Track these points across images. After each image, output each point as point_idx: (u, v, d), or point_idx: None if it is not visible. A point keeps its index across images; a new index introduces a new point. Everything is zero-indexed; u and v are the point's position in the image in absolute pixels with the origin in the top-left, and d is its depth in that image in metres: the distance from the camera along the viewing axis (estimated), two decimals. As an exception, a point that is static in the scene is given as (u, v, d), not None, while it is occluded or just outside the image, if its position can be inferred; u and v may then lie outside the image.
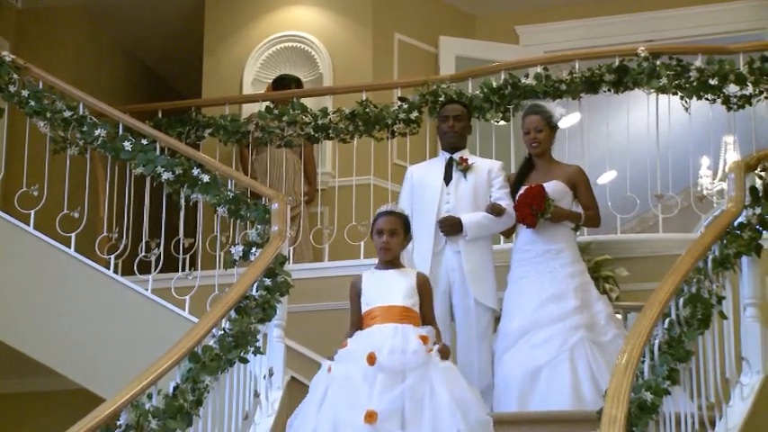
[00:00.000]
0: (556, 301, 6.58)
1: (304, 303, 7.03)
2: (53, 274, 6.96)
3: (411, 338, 5.29)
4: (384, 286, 5.58)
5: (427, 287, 5.70)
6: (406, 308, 5.48)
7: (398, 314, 5.44)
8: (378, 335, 5.34)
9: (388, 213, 5.73)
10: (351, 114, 8.30)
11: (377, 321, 5.43)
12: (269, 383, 6.00)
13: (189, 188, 6.95)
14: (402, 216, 5.76)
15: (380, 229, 5.68)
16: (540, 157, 6.95)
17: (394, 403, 5.04)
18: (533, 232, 6.77)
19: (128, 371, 5.14)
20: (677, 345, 5.11)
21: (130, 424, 4.67)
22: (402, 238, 5.71)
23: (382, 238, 5.65)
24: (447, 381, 5.21)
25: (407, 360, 5.19)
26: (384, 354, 5.18)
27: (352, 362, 5.26)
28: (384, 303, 5.49)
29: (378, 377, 5.13)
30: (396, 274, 5.64)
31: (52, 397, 7.88)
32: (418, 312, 5.54)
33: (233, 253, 6.70)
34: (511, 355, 6.56)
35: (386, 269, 5.69)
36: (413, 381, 5.13)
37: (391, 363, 5.17)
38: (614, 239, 7.60)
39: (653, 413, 4.77)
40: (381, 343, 5.25)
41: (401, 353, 5.20)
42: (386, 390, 5.08)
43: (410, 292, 5.55)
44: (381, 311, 5.46)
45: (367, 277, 5.69)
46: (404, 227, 5.73)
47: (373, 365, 5.14)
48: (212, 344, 5.41)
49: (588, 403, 6.15)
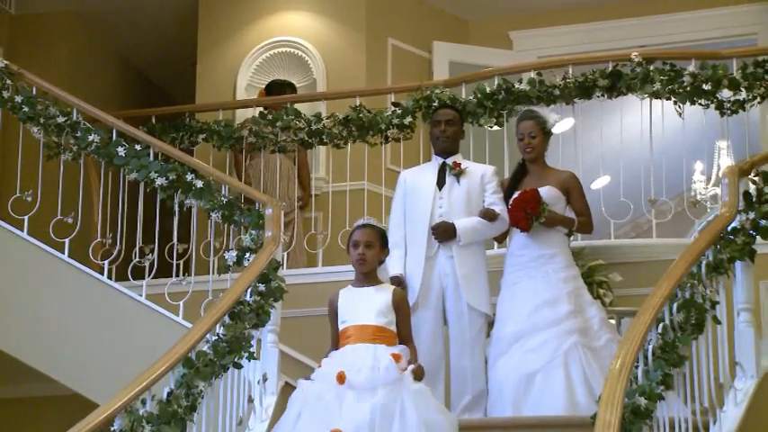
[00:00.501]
0: (549, 305, 6.59)
1: (298, 309, 7.03)
2: (47, 279, 6.96)
3: (383, 358, 5.24)
4: (359, 304, 5.51)
5: (404, 304, 5.62)
6: (380, 327, 5.42)
7: (372, 334, 5.38)
8: (350, 355, 5.29)
9: (364, 226, 5.67)
10: (344, 120, 8.30)
11: (350, 341, 5.38)
12: (263, 389, 6.00)
13: (183, 193, 6.95)
14: (379, 229, 5.70)
15: (356, 241, 5.62)
16: (534, 162, 6.95)
17: (362, 420, 4.97)
18: (527, 237, 6.77)
19: (121, 376, 5.14)
20: (671, 350, 5.12)
21: (124, 429, 4.67)
22: (378, 251, 5.64)
23: (358, 250, 5.58)
24: (418, 402, 5.12)
25: (378, 377, 5.13)
26: (353, 372, 5.14)
27: (324, 382, 5.21)
28: (358, 323, 5.43)
29: (347, 395, 5.08)
30: (371, 292, 5.57)
31: (46, 402, 7.87)
32: (394, 331, 5.47)
33: (227, 258, 6.70)
34: (505, 360, 6.56)
35: (362, 286, 5.61)
36: (383, 398, 5.05)
37: (360, 380, 5.12)
38: (608, 244, 7.61)
39: (647, 418, 4.78)
40: (353, 363, 5.21)
41: (370, 370, 5.15)
42: (353, 407, 5.02)
43: (385, 311, 5.47)
44: (355, 331, 5.41)
45: (343, 294, 5.62)
46: (380, 240, 5.66)
47: (343, 384, 5.11)
48: (206, 349, 5.41)
49: (582, 408, 6.15)
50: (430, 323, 6.77)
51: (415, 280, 6.77)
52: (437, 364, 6.76)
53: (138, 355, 5.92)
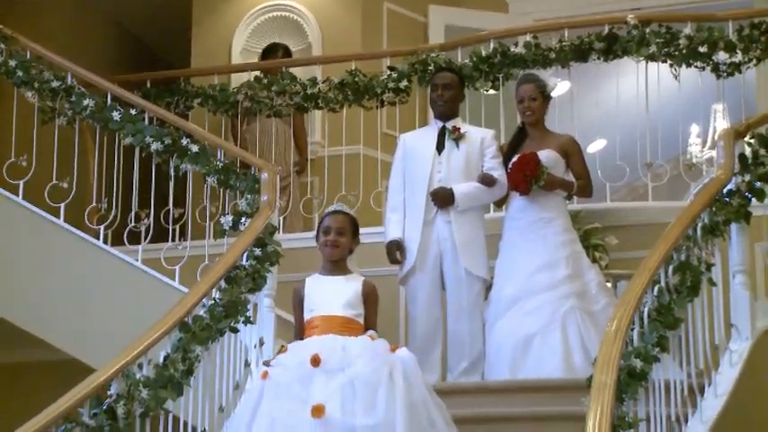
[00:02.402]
0: (547, 269, 6.60)
1: (294, 273, 7.00)
2: (42, 244, 6.95)
3: (355, 344, 4.94)
4: (326, 294, 5.20)
5: (373, 295, 5.27)
6: (349, 318, 5.11)
7: (340, 325, 5.08)
8: (316, 345, 4.95)
9: (335, 212, 5.40)
10: (340, 84, 8.28)
11: (316, 332, 5.07)
12: (260, 353, 6.00)
13: (178, 158, 6.93)
14: (351, 216, 5.41)
15: (327, 227, 5.34)
16: (534, 126, 6.94)
17: (340, 393, 4.67)
18: (525, 200, 6.77)
19: (118, 341, 5.14)
20: (666, 312, 5.12)
21: (121, 393, 4.68)
22: (350, 239, 5.33)
23: (329, 236, 5.30)
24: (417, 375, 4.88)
25: (351, 357, 4.82)
26: (327, 354, 4.82)
27: (292, 367, 4.88)
28: (325, 313, 5.13)
29: (320, 377, 4.76)
30: (341, 281, 5.26)
31: (43, 367, 7.87)
32: (362, 323, 5.16)
33: (223, 223, 6.70)
34: (502, 323, 6.57)
35: (330, 275, 5.31)
36: (361, 374, 4.74)
37: (335, 362, 4.80)
38: (604, 208, 7.61)
39: (642, 380, 4.78)
40: (323, 347, 4.91)
41: (342, 349, 4.87)
42: (327, 383, 4.71)
43: (354, 302, 5.17)
44: (322, 321, 5.10)
45: (310, 283, 5.32)
46: (352, 228, 5.38)
47: (318, 366, 4.78)
48: (203, 314, 5.42)
49: (579, 371, 6.17)
50: (427, 287, 6.79)
51: (413, 244, 6.78)
52: (434, 328, 6.78)
53: (135, 320, 5.92)
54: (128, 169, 7.24)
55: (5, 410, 7.85)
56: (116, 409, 4.62)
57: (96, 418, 4.54)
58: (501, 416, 5.85)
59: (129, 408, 4.68)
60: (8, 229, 7.00)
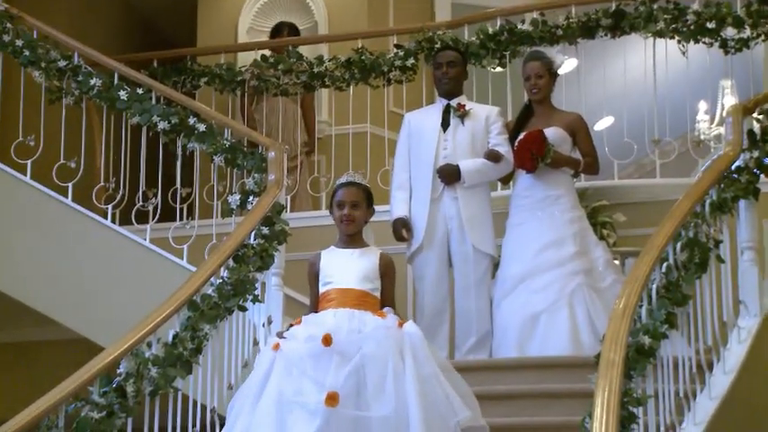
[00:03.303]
0: (554, 246, 6.60)
1: (302, 252, 7.01)
2: (51, 224, 6.95)
3: (368, 321, 4.77)
4: (343, 267, 5.01)
5: (390, 268, 5.08)
6: (365, 292, 4.93)
7: (355, 298, 4.90)
8: (332, 319, 4.81)
9: (348, 185, 5.15)
10: (347, 62, 8.26)
11: (332, 305, 4.89)
12: (268, 331, 6.01)
13: (185, 137, 6.94)
14: (364, 187, 5.18)
15: (341, 201, 5.10)
16: (540, 103, 6.94)
17: (351, 380, 4.53)
18: (532, 178, 6.77)
19: (127, 320, 5.15)
20: (675, 289, 5.12)
21: (131, 372, 4.69)
22: (365, 212, 5.12)
23: (344, 211, 5.07)
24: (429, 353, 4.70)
25: (364, 338, 4.67)
26: (340, 335, 4.66)
27: (304, 341, 4.71)
28: (341, 286, 4.95)
29: (333, 358, 4.59)
30: (357, 255, 5.06)
31: (52, 346, 7.91)
32: (378, 297, 4.98)
33: (230, 202, 6.71)
34: (509, 301, 6.58)
35: (346, 248, 5.10)
36: (371, 354, 4.59)
37: (347, 343, 4.64)
38: (612, 185, 7.60)
39: (651, 357, 4.79)
40: (338, 325, 4.75)
41: (357, 332, 4.70)
42: (340, 369, 4.55)
43: (370, 275, 4.99)
44: (338, 294, 4.92)
45: (326, 256, 5.12)
46: (366, 199, 5.15)
47: (329, 346, 4.62)
48: (211, 292, 5.43)
49: (587, 348, 6.18)
50: (435, 265, 6.79)
51: (419, 222, 6.79)
52: (442, 305, 6.79)
53: (143, 299, 5.93)
54: (135, 149, 7.24)
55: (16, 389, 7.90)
56: (125, 388, 4.64)
57: (106, 397, 4.56)
58: (508, 393, 5.85)
59: (139, 386, 4.70)
60: (16, 209, 7.01)
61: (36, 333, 8.05)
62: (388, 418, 4.44)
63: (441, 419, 4.51)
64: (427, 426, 4.44)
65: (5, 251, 6.96)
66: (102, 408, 4.51)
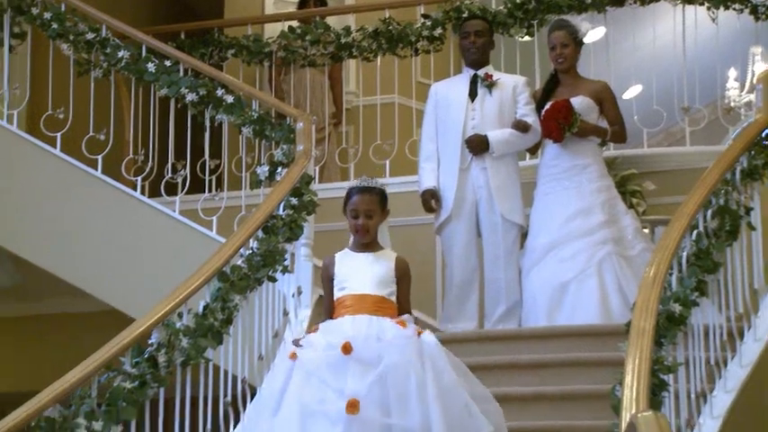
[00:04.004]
0: (583, 215, 6.59)
1: (331, 222, 7.02)
2: (81, 196, 6.98)
3: (388, 327, 4.63)
4: (358, 272, 4.84)
5: (406, 271, 4.90)
6: (382, 298, 4.76)
7: (372, 304, 4.74)
8: (349, 326, 4.65)
9: (362, 191, 4.91)
10: (374, 32, 8.25)
11: (349, 312, 4.73)
12: (297, 302, 6.04)
13: (213, 109, 6.94)
14: (378, 192, 4.92)
15: (355, 210, 4.89)
16: (566, 72, 6.91)
17: (374, 388, 4.40)
18: (559, 148, 6.76)
19: (157, 291, 5.17)
20: (705, 256, 5.10)
21: (162, 342, 4.71)
22: (379, 218, 4.91)
23: (358, 221, 4.86)
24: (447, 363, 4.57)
25: (384, 347, 4.52)
26: (358, 342, 4.53)
27: (322, 350, 4.58)
28: (357, 292, 4.78)
29: (350, 365, 4.47)
30: (372, 259, 4.86)
31: (84, 318, 7.96)
32: (395, 302, 4.81)
33: (259, 173, 6.71)
34: (538, 270, 6.58)
35: (361, 251, 4.91)
36: (394, 364, 4.46)
37: (366, 350, 4.50)
38: (641, 153, 7.57)
39: (681, 324, 4.78)
40: (355, 332, 4.60)
41: (376, 340, 4.56)
42: (362, 377, 4.43)
43: (386, 280, 4.81)
44: (354, 301, 4.76)
45: (340, 259, 4.93)
46: (380, 204, 4.92)
47: (349, 354, 4.49)
48: (240, 263, 5.43)
49: (616, 317, 6.17)
50: (463, 235, 6.79)
51: (448, 192, 6.78)
52: (471, 276, 6.80)
53: (173, 270, 5.96)
54: (163, 121, 7.26)
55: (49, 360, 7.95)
56: (157, 358, 4.65)
57: (138, 367, 4.57)
58: (538, 362, 5.86)
59: (170, 356, 4.71)
60: (47, 182, 7.04)
61: (67, 305, 8.11)
62: (411, 429, 4.33)
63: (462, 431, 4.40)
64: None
65: (35, 224, 7.00)
66: (135, 378, 4.53)
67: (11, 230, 7.01)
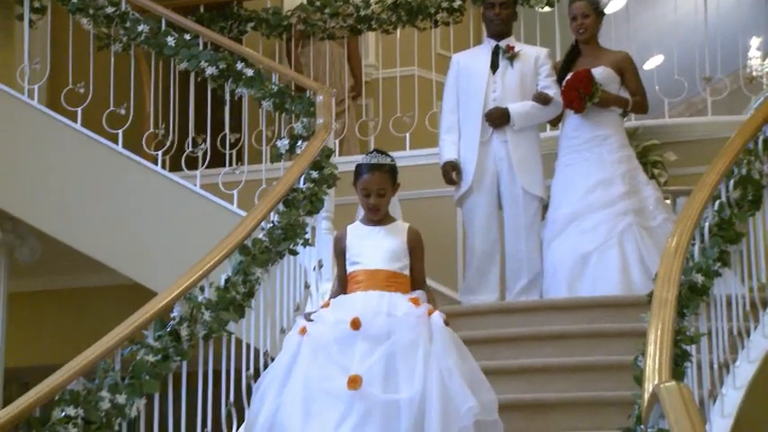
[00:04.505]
0: (604, 186, 6.57)
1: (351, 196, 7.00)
2: (102, 171, 7.00)
3: (400, 305, 4.56)
4: (369, 246, 4.76)
5: (419, 243, 4.81)
6: (394, 272, 4.69)
7: (384, 279, 4.67)
8: (361, 302, 4.60)
9: (373, 168, 4.77)
10: (393, 4, 8.23)
11: (361, 287, 4.68)
12: (319, 275, 6.04)
13: (233, 83, 6.94)
14: (388, 168, 4.78)
15: (366, 189, 4.77)
16: (587, 43, 6.88)
17: (378, 365, 4.36)
18: (580, 118, 6.73)
19: (179, 265, 5.18)
20: (727, 227, 5.08)
21: (184, 316, 4.72)
22: (391, 193, 4.80)
23: (369, 200, 4.76)
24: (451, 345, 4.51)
25: (395, 323, 4.48)
26: (368, 317, 4.49)
27: (332, 325, 4.55)
28: (369, 267, 4.71)
29: (359, 342, 4.44)
30: (383, 233, 4.78)
31: (107, 292, 8.00)
32: (408, 276, 4.74)
33: (279, 146, 6.72)
34: (559, 241, 6.57)
35: (372, 225, 4.82)
36: (402, 341, 4.42)
37: (376, 327, 4.47)
38: (662, 124, 7.54)
39: (704, 295, 4.77)
40: (366, 309, 4.54)
41: (387, 315, 4.51)
42: (369, 353, 4.40)
43: (399, 254, 4.73)
44: (366, 276, 4.69)
45: (352, 233, 4.85)
46: (391, 180, 4.79)
47: (358, 330, 4.45)
48: (262, 237, 5.44)
49: (638, 287, 6.16)
50: (484, 207, 6.78)
51: (469, 164, 6.77)
52: (492, 248, 6.79)
53: (195, 244, 5.95)
54: (183, 95, 7.26)
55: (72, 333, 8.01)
56: (179, 332, 4.66)
57: (160, 340, 4.59)
58: (560, 333, 5.86)
59: (193, 330, 4.72)
60: (68, 156, 7.06)
61: (90, 279, 8.15)
62: (413, 399, 4.31)
63: (456, 414, 4.34)
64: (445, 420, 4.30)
65: (57, 198, 7.03)
66: (158, 351, 4.54)
67: (33, 205, 7.04)
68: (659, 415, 3.61)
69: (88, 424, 4.17)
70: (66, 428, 4.08)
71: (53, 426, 4.06)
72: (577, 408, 5.23)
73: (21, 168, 7.06)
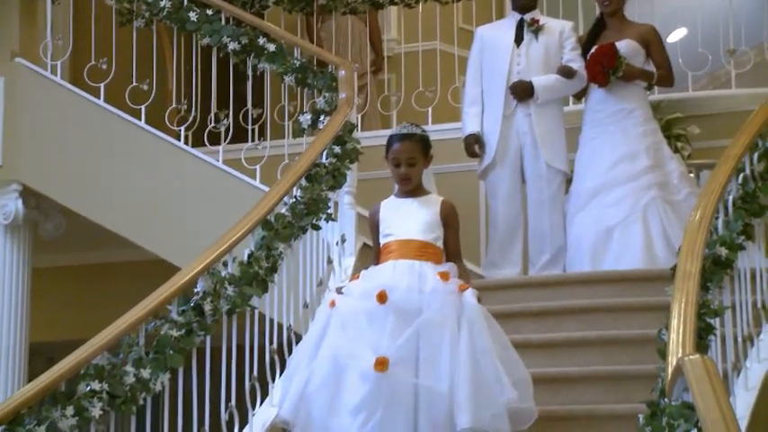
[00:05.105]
0: (628, 160, 6.55)
1: (374, 171, 7.02)
2: (125, 146, 7.02)
3: (429, 276, 4.55)
4: (402, 217, 4.77)
5: (453, 217, 4.81)
6: (426, 242, 4.68)
7: (417, 249, 4.66)
8: (391, 272, 4.60)
9: (403, 138, 4.79)
10: (415, -22, 8.20)
11: (392, 257, 4.67)
12: (341, 250, 6.05)
13: (255, 58, 6.94)
14: (419, 138, 4.80)
15: (397, 159, 4.78)
16: (612, 16, 6.85)
17: (407, 346, 4.34)
18: (605, 92, 6.71)
19: (202, 240, 5.19)
20: (751, 200, 5.05)
21: (208, 291, 4.73)
22: (422, 164, 4.80)
23: (400, 170, 4.77)
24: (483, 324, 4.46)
25: (424, 300, 4.46)
26: (397, 292, 4.48)
27: (359, 299, 4.55)
28: (401, 237, 4.71)
29: (389, 318, 4.42)
30: (417, 204, 4.79)
31: (131, 267, 8.03)
32: (441, 247, 4.74)
33: (301, 121, 6.71)
34: (583, 215, 6.56)
35: (406, 197, 4.83)
36: (429, 320, 4.40)
37: (405, 302, 4.45)
38: (686, 97, 7.50)
39: (728, 268, 4.74)
40: (394, 281, 4.53)
41: (418, 292, 4.49)
42: (397, 332, 4.38)
43: (432, 225, 4.73)
44: (398, 246, 4.69)
45: (386, 206, 4.87)
46: (423, 150, 4.80)
47: (384, 304, 4.44)
48: (284, 212, 5.44)
49: (661, 261, 6.15)
50: (507, 182, 6.77)
51: (492, 138, 6.76)
52: (515, 222, 6.78)
53: (217, 220, 5.97)
54: (206, 70, 7.26)
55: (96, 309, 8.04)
56: (203, 306, 4.68)
57: (184, 315, 4.60)
58: (583, 307, 5.85)
59: (216, 305, 4.74)
60: (91, 133, 7.08)
61: (113, 254, 8.19)
62: (442, 394, 4.28)
63: (489, 398, 4.30)
64: (475, 404, 4.27)
65: (81, 174, 7.05)
66: (181, 326, 4.56)
67: (57, 181, 7.08)
68: (683, 388, 3.61)
69: (113, 398, 4.20)
70: (92, 402, 4.11)
71: (78, 400, 4.09)
72: (601, 381, 5.23)
73: (44, 144, 7.09)
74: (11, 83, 7.12)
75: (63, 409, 4.02)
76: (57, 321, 8.57)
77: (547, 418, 4.87)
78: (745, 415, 4.58)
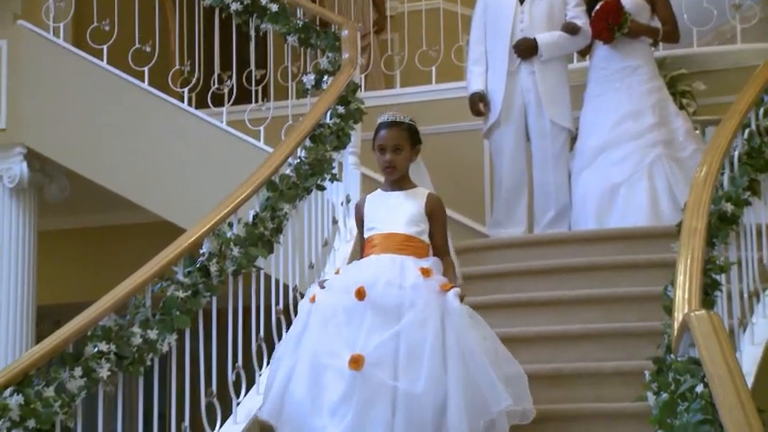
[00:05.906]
0: (633, 118, 6.53)
1: (378, 130, 7.02)
2: (129, 109, 7.00)
3: (410, 271, 4.41)
4: (387, 210, 4.63)
5: (439, 210, 4.65)
6: (409, 236, 4.54)
7: (399, 243, 4.53)
8: (372, 266, 4.48)
9: (390, 125, 4.63)
10: (418, -64, 8.16)
11: (375, 251, 4.55)
12: (346, 210, 6.05)
13: (258, 18, 6.91)
14: (407, 126, 4.65)
15: (382, 145, 4.63)
16: (617, -29, 6.80)
17: (385, 347, 4.21)
18: (610, 49, 6.68)
19: (207, 201, 5.19)
20: (757, 155, 5.05)
21: (213, 251, 4.74)
22: (409, 153, 4.64)
23: (385, 157, 4.61)
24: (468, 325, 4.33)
25: (404, 296, 4.32)
26: (376, 287, 4.34)
27: (339, 294, 4.42)
28: (384, 230, 4.58)
29: (367, 315, 4.30)
30: (402, 197, 4.64)
31: (137, 229, 8.04)
32: (426, 242, 4.59)
33: (305, 82, 6.70)
34: (588, 173, 6.54)
35: (392, 190, 4.68)
36: (410, 321, 4.26)
37: (384, 297, 4.32)
38: (691, 53, 7.45)
39: (733, 224, 4.74)
40: (375, 276, 4.39)
41: (398, 287, 4.35)
42: (376, 330, 4.26)
43: (416, 218, 4.58)
44: (381, 240, 4.57)
45: (371, 200, 4.74)
46: (410, 139, 4.64)
47: (362, 300, 4.32)
48: (289, 172, 5.43)
49: (667, 218, 6.14)
50: (512, 139, 6.76)
51: (497, 96, 6.74)
52: (520, 180, 6.78)
53: (222, 181, 5.97)
54: (208, 31, 7.23)
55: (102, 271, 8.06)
56: (209, 267, 4.68)
57: (190, 276, 4.61)
58: (588, 265, 5.84)
59: (222, 265, 4.74)
60: (95, 94, 7.06)
61: (118, 217, 8.19)
62: (419, 396, 4.16)
63: (483, 406, 4.20)
64: (469, 412, 4.17)
65: (85, 137, 7.04)
66: (187, 287, 4.56)
67: (61, 144, 7.07)
68: (689, 344, 3.61)
69: (120, 359, 4.22)
70: (99, 363, 4.13)
71: (86, 361, 4.10)
72: (606, 338, 5.23)
73: (47, 107, 7.08)
74: (13, 45, 7.10)
75: (71, 370, 4.04)
76: (63, 284, 8.59)
77: (553, 376, 4.88)
78: (752, 371, 4.59)
